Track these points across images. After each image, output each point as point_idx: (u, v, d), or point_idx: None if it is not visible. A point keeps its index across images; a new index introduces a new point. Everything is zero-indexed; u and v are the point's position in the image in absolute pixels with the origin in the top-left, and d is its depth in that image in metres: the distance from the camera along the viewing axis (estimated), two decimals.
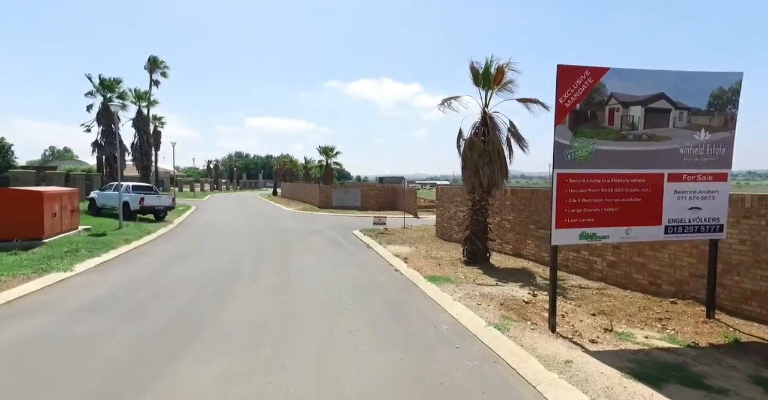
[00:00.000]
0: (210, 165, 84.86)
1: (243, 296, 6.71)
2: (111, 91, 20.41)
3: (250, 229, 16.68)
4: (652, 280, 6.60)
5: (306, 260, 10.06)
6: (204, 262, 9.54)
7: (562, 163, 4.78)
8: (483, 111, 9.36)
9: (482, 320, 5.43)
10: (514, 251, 10.39)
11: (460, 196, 13.00)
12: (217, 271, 8.59)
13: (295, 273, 8.59)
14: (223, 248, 11.80)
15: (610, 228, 4.88)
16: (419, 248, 11.96)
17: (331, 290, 7.27)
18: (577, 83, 4.67)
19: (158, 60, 37.15)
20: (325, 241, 13.60)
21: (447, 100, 9.43)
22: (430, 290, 7.23)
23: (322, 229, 17.06)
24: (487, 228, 9.53)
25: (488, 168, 8.91)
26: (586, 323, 5.27)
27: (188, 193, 48.78)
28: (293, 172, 54.99)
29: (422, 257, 10.34)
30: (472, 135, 9.26)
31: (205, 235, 14.68)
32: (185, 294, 6.67)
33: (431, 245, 12.36)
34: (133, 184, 18.36)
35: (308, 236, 14.86)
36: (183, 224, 18.32)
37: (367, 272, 8.91)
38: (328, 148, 38.61)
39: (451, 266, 9.21)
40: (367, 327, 5.34)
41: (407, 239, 13.85)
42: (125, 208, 17.33)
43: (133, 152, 26.15)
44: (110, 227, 13.99)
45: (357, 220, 21.21)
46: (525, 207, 9.96)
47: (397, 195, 29.72)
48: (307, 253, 11.19)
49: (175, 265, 9.12)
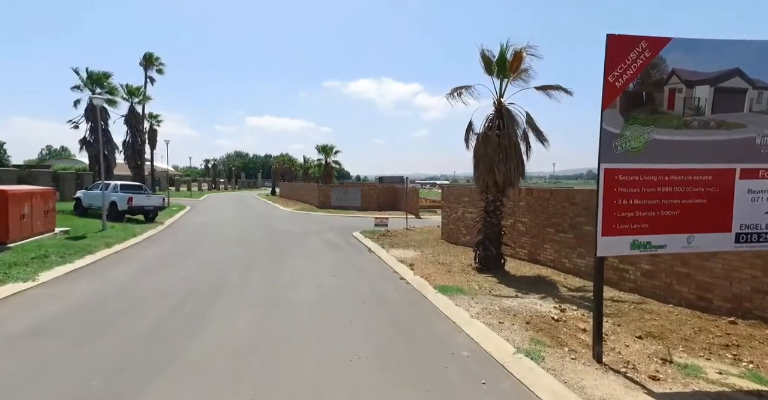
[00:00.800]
0: (208, 164, 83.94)
1: (225, 313, 5.80)
2: (99, 85, 19.46)
3: (244, 231, 15.78)
4: (700, 294, 5.71)
5: (302, 267, 9.17)
6: (188, 269, 8.64)
7: (611, 156, 3.89)
8: (497, 102, 8.46)
9: (509, 344, 4.54)
10: (529, 256, 9.50)
11: (469, 197, 12.13)
12: (201, 280, 7.70)
13: (288, 283, 7.69)
14: (212, 252, 10.90)
15: (668, 236, 3.99)
16: (425, 252, 11.07)
17: (329, 304, 6.37)
18: (631, 57, 3.78)
19: (153, 56, 36.28)
20: (323, 244, 12.72)
21: (457, 90, 8.53)
22: (442, 303, 6.34)
23: (320, 230, 16.17)
24: (502, 232, 8.64)
25: (504, 165, 8.03)
26: (635, 349, 4.38)
27: (185, 193, 47.84)
28: (292, 171, 54.08)
29: (429, 263, 9.46)
30: (485, 129, 8.37)
31: (195, 237, 13.78)
32: (158, 310, 5.77)
33: (437, 249, 11.47)
34: (122, 183, 17.44)
35: (305, 238, 13.97)
36: (174, 225, 17.42)
37: (370, 280, 8.02)
38: (327, 147, 37.69)
39: (462, 274, 8.32)
40: (372, 353, 4.45)
41: (411, 241, 12.97)
42: (113, 208, 16.44)
43: (124, 150, 25.24)
44: (93, 228, 13.09)
45: (357, 221, 20.33)
46: (542, 208, 9.07)
47: (398, 195, 28.83)
48: (303, 258, 10.30)
49: (155, 272, 8.22)
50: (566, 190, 8.50)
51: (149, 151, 43.41)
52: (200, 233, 15.04)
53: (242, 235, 14.52)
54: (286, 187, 44.01)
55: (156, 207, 17.36)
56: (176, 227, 16.84)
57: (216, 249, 11.37)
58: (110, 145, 20.66)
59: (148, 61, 36.80)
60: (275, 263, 9.50)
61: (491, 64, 8.25)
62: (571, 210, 8.19)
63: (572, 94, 8.08)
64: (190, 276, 7.97)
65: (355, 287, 7.46)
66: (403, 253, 10.90)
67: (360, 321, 5.51)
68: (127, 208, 16.23)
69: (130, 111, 25.22)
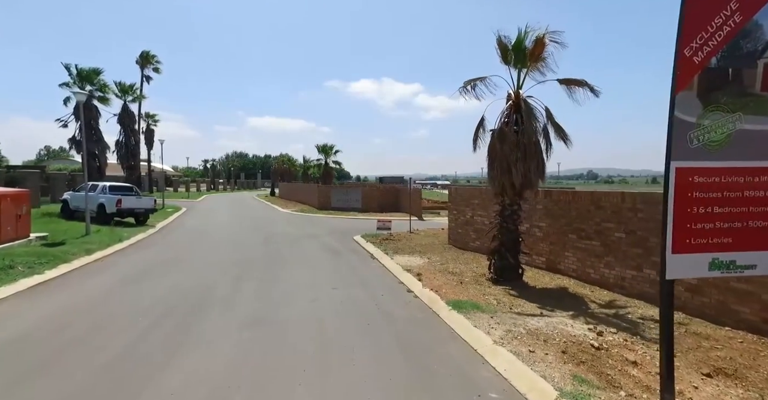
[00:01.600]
0: (207, 165, 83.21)
1: (206, 338, 4.96)
2: (89, 82, 18.61)
3: (239, 234, 14.95)
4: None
5: (298, 276, 8.33)
6: (172, 280, 7.80)
7: (684, 152, 3.04)
8: (515, 94, 7.62)
9: (547, 383, 3.69)
10: (548, 264, 8.66)
11: (479, 198, 11.29)
12: (185, 293, 6.86)
13: (282, 297, 6.85)
14: (203, 259, 10.07)
15: (758, 253, 3.15)
16: (432, 259, 10.22)
17: (328, 325, 5.53)
18: (716, 24, 2.94)
19: (150, 55, 35.55)
20: (322, 249, 11.88)
21: (471, 83, 7.70)
22: (458, 323, 5.50)
23: (319, 234, 15.34)
24: (520, 239, 7.79)
25: (522, 165, 7.18)
26: (708, 393, 3.54)
27: (183, 194, 47.00)
28: (291, 171, 53.25)
29: (438, 272, 8.61)
30: (501, 124, 7.53)
31: (186, 242, 12.95)
32: (127, 335, 4.92)
33: (445, 256, 10.63)
34: (110, 185, 16.61)
35: (304, 242, 13.13)
36: (166, 228, 16.59)
37: (374, 293, 7.18)
38: (327, 147, 36.84)
39: (476, 286, 7.48)
40: (379, 391, 3.62)
41: (416, 246, 12.13)
42: (101, 211, 15.63)
43: (117, 150, 24.42)
44: (76, 233, 12.26)
45: (358, 223, 19.50)
46: (563, 212, 8.22)
47: (400, 196, 27.97)
48: (300, 265, 9.46)
49: (134, 285, 7.38)
50: (590, 193, 7.66)
51: (146, 151, 42.67)
52: (192, 236, 14.20)
53: (237, 239, 13.69)
54: (286, 187, 43.17)
55: (147, 209, 16.53)
56: (168, 230, 16.01)
57: (207, 255, 10.54)
58: (101, 145, 19.84)
59: (145, 60, 36.09)
60: (269, 272, 8.66)
61: (507, 52, 7.41)
62: (598, 215, 7.34)
63: (599, 93, 7.23)
64: (173, 289, 7.13)
65: (358, 302, 6.61)
66: (409, 260, 10.06)
67: (363, 348, 4.66)
68: (116, 210, 15.41)
69: (123, 110, 24.42)
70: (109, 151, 20.62)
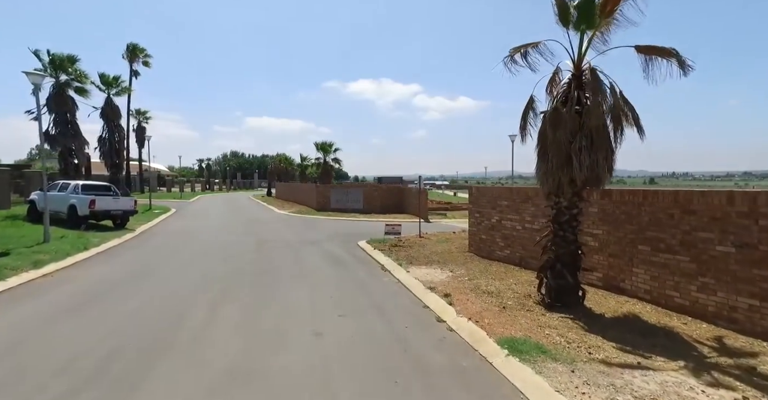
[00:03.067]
0: (202, 164, 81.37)
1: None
2: (63, 70, 16.79)
3: (229, 239, 13.20)
4: None
5: (295, 297, 6.61)
6: (132, 304, 6.06)
7: None
8: (575, 64, 5.91)
9: None
10: (605, 282, 6.96)
11: (508, 199, 9.59)
12: (142, 327, 5.13)
13: (274, 330, 5.13)
14: (181, 272, 8.33)
15: None
16: (456, 272, 8.52)
17: (336, 382, 3.81)
18: None
19: (138, 47, 33.74)
20: (323, 258, 10.16)
21: (521, 50, 6.01)
22: (526, 380, 3.79)
23: (319, 239, 13.62)
24: (580, 251, 6.09)
25: (588, 155, 5.48)
26: None
27: (175, 194, 45.14)
28: (289, 171, 51.46)
29: (469, 291, 6.91)
30: (557, 103, 5.82)
31: (166, 249, 11.20)
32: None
33: (471, 268, 8.92)
34: (83, 184, 14.79)
35: (302, 250, 11.41)
36: (147, 232, 14.82)
37: (394, 322, 5.48)
38: (326, 145, 35.04)
39: (525, 312, 5.77)
40: None
41: (432, 255, 10.43)
42: (72, 213, 13.86)
43: (100, 147, 22.61)
44: (32, 240, 10.48)
45: (361, 226, 17.79)
46: (628, 217, 6.52)
47: (403, 196, 26.28)
48: (298, 281, 7.74)
49: (79, 313, 5.63)
50: (674, 192, 5.94)
51: (137, 150, 40.86)
52: (175, 243, 12.44)
53: (226, 245, 11.94)
54: (283, 188, 41.38)
55: (126, 211, 14.75)
56: (149, 234, 14.24)
57: (186, 267, 8.79)
58: (78, 141, 18.01)
59: (132, 53, 34.36)
60: (260, 291, 6.94)
61: (568, 10, 5.71)
62: (687, 221, 5.63)
63: (689, 70, 5.47)
64: (129, 320, 5.39)
65: (375, 339, 4.90)
66: (429, 273, 8.35)
67: None
68: (89, 212, 13.63)
69: (106, 103, 22.61)
70: (88, 147, 18.84)
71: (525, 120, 6.38)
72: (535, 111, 6.31)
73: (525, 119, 6.38)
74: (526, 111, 6.37)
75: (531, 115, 6.32)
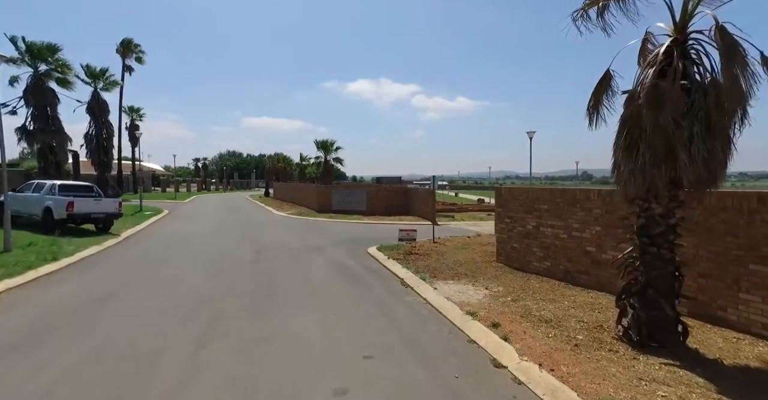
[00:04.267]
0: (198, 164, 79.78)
1: None
2: (42, 60, 15.28)
3: (223, 247, 11.76)
4: None
5: (304, 328, 5.19)
6: (87, 346, 4.61)
7: None
8: (678, 26, 4.49)
9: None
10: (693, 308, 5.53)
11: (550, 202, 8.19)
12: (90, 386, 3.69)
13: (279, 385, 3.69)
14: (161, 292, 6.90)
15: None
16: (492, 288, 7.12)
17: None
18: None
19: (132, 43, 32.21)
20: (332, 270, 8.74)
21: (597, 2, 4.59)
22: None
23: (324, 245, 12.20)
24: (678, 273, 4.67)
25: (702, 146, 4.06)
26: None
27: (170, 195, 43.56)
28: (287, 171, 50.01)
29: (520, 318, 5.51)
30: (654, 77, 4.40)
31: (150, 259, 9.75)
32: None
33: (507, 283, 7.51)
34: (61, 183, 13.29)
35: (306, 259, 9.98)
36: (133, 237, 13.36)
37: (438, 370, 4.06)
38: (327, 143, 33.57)
39: (608, 353, 4.37)
40: None
41: (456, 265, 9.03)
42: (48, 216, 12.38)
43: (86, 144, 21.11)
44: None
45: (366, 229, 16.38)
46: (734, 228, 5.11)
47: (409, 198, 24.86)
48: (304, 305, 6.31)
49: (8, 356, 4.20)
50: None
51: (130, 148, 39.31)
52: (162, 251, 11.00)
53: (219, 254, 10.50)
54: (281, 188, 39.87)
55: (109, 214, 13.28)
56: (134, 240, 12.78)
57: (170, 285, 7.35)
58: (60, 137, 16.49)
59: (126, 48, 32.84)
60: (257, 321, 5.50)
61: None
62: None
63: None
64: (71, 375, 3.95)
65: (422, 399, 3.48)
66: (461, 291, 6.95)
67: None
68: (66, 216, 12.16)
69: (93, 98, 21.11)
70: (71, 143, 17.33)
71: (597, 99, 4.97)
72: (612, 89, 4.91)
73: (597, 99, 4.97)
74: (598, 89, 4.97)
75: (606, 95, 4.92)
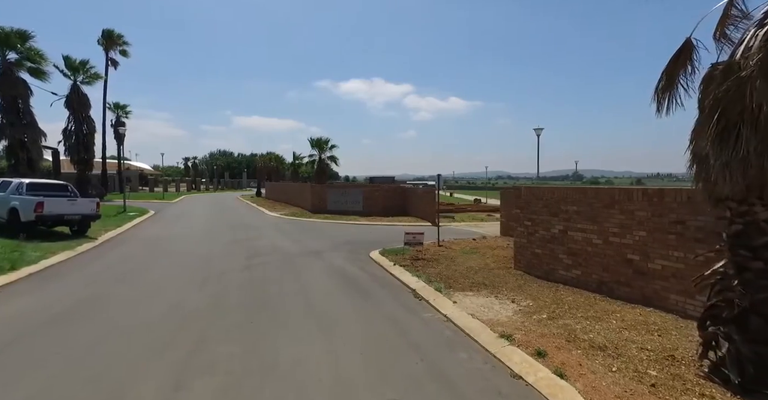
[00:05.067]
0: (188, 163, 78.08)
1: None
2: (11, 47, 13.98)
3: (211, 252, 10.68)
4: None
5: (307, 361, 4.16)
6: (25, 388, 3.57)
7: None
8: None
9: None
10: None
11: (580, 204, 7.27)
12: None
13: None
14: (136, 308, 5.83)
15: None
16: (521, 302, 6.17)
17: None
18: None
19: (115, 34, 30.73)
20: (333, 279, 7.72)
21: None
22: None
23: (322, 249, 11.19)
24: None
25: None
26: None
27: (158, 194, 42.11)
28: (279, 170, 48.78)
29: (566, 343, 4.56)
30: (763, 40, 3.45)
31: (127, 268, 8.65)
32: None
33: (535, 295, 6.56)
34: (30, 182, 12.07)
35: (303, 266, 8.96)
36: (112, 241, 12.22)
37: None
38: (321, 141, 32.45)
39: (699, 398, 3.43)
40: None
41: (470, 273, 8.10)
42: (14, 218, 11.20)
43: (65, 140, 19.82)
44: None
45: (365, 231, 15.41)
46: None
47: (407, 198, 23.90)
48: (306, 325, 5.28)
49: None
50: None
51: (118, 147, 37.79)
52: (143, 257, 9.89)
53: (206, 260, 9.42)
54: (273, 187, 38.67)
55: (85, 216, 12.11)
56: (113, 244, 11.64)
57: (146, 299, 6.28)
58: (33, 131, 15.21)
59: (109, 40, 31.31)
60: (249, 349, 4.46)
61: None
62: None
63: None
64: None
65: None
66: (484, 305, 5.99)
67: None
68: (34, 217, 10.98)
69: (73, 91, 19.80)
70: (45, 139, 16.05)
71: (671, 80, 4.03)
72: (692, 64, 3.98)
73: (671, 78, 4.03)
74: (673, 67, 4.02)
75: (685, 70, 3.98)
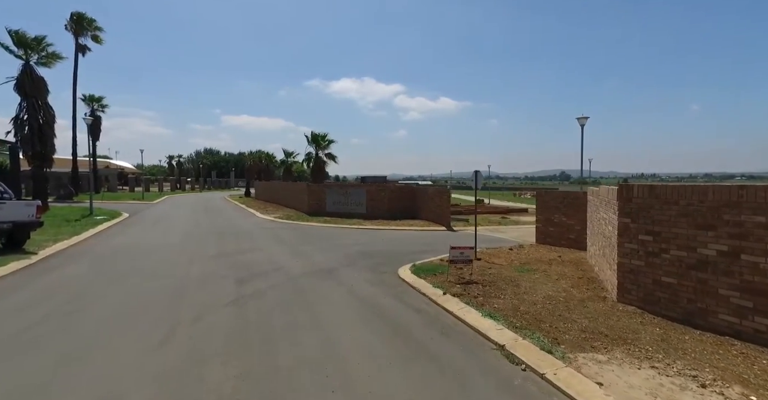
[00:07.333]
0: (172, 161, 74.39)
1: None
2: None
3: (186, 271, 7.85)
4: None
5: None
6: None
7: None
8: None
9: None
10: None
11: (763, 212, 4.65)
12: None
13: None
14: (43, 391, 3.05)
15: None
16: (715, 383, 3.52)
17: None
18: None
19: (85, 17, 27.46)
20: (367, 324, 4.95)
21: None
22: None
23: (334, 265, 8.48)
24: None
25: None
26: None
27: (137, 194, 38.78)
28: (270, 169, 45.74)
29: None
30: None
31: (62, 299, 5.80)
32: None
33: (711, 360, 3.93)
34: None
35: (315, 295, 6.18)
36: (58, 257, 9.31)
37: None
38: (319, 137, 29.57)
39: None
40: None
41: (559, 309, 5.52)
42: None
43: (16, 131, 16.70)
44: None
45: (376, 238, 12.70)
46: None
47: (416, 199, 21.23)
48: None
49: None
50: None
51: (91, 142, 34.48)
52: (91, 282, 7.03)
53: (177, 291, 6.59)
54: (264, 187, 35.64)
55: (17, 224, 9.19)
56: (55, 263, 8.72)
57: (70, 373, 3.47)
58: None
59: (78, 24, 28.07)
60: None
61: None
62: None
63: None
64: None
65: None
66: (647, 388, 3.32)
67: None
68: None
69: (24, 73, 16.71)
70: None
71: None
72: None
73: None
74: None
75: None
